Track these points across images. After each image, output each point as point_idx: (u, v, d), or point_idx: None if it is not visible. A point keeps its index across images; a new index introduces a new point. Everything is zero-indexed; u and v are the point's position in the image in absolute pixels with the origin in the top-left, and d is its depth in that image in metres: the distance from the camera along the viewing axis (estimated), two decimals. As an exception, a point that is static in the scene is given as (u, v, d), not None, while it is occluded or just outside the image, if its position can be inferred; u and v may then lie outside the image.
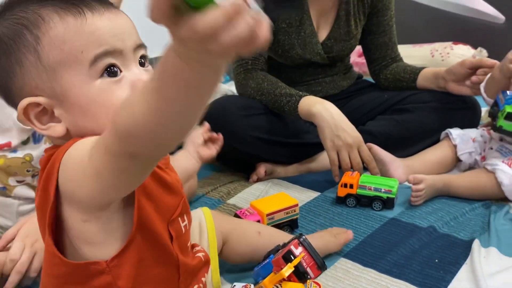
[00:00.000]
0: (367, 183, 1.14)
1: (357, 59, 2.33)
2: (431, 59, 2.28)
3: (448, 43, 2.32)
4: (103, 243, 0.54)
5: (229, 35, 0.31)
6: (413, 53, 2.30)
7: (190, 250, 0.67)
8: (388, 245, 0.97)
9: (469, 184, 1.16)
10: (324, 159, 1.32)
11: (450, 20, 2.47)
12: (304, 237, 0.85)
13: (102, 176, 0.46)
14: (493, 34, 2.33)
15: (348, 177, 1.16)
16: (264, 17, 0.33)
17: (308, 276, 0.82)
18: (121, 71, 0.54)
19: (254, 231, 0.90)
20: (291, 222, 1.04)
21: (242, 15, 0.31)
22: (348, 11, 1.43)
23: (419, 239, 0.99)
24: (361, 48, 1.57)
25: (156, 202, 0.57)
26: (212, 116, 1.29)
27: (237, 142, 1.28)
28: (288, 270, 0.77)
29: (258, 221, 0.99)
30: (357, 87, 1.57)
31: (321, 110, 1.22)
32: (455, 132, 1.31)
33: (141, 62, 0.57)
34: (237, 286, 0.78)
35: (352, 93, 1.55)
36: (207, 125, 0.98)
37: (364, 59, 1.58)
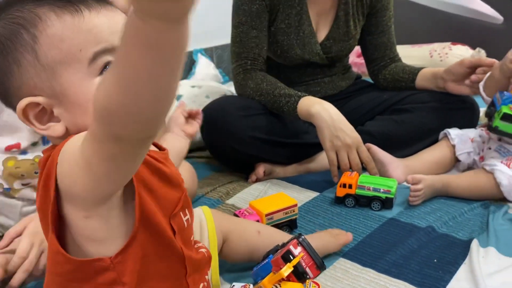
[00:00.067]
0: (366, 183, 1.14)
1: (356, 60, 2.33)
2: (430, 60, 2.28)
3: (447, 44, 2.32)
4: (106, 240, 0.54)
5: None
6: (412, 54, 2.30)
7: (193, 245, 0.66)
8: (387, 245, 0.98)
9: (468, 185, 1.16)
10: (323, 159, 1.32)
11: (449, 21, 2.48)
12: (303, 237, 0.85)
13: (92, 166, 0.45)
14: (492, 35, 2.33)
15: (347, 177, 1.17)
16: None
17: (307, 276, 0.82)
18: None
19: (254, 230, 0.90)
20: (290, 222, 1.05)
21: None
22: (347, 12, 1.43)
23: (418, 239, 0.99)
24: (360, 49, 1.57)
25: (157, 196, 0.56)
26: (212, 116, 1.31)
27: (236, 142, 1.28)
28: (287, 270, 0.77)
29: (257, 221, 0.99)
30: (356, 88, 1.57)
31: (320, 111, 1.22)
32: (454, 132, 1.31)
33: None
34: (236, 286, 0.78)
35: (351, 94, 1.55)
36: (183, 103, 0.98)
37: (363, 60, 1.58)
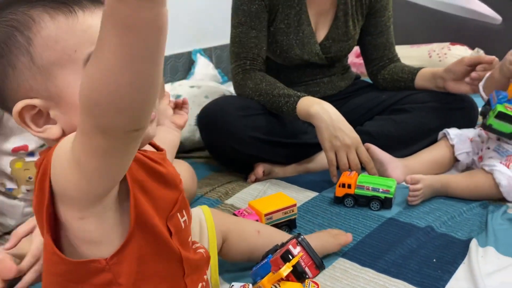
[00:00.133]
0: (365, 183, 1.14)
1: (355, 60, 2.33)
2: (429, 60, 2.28)
3: (446, 44, 2.32)
4: (102, 241, 0.54)
5: None
6: (411, 54, 2.30)
7: (191, 246, 0.66)
8: (386, 245, 0.98)
9: (467, 185, 1.16)
10: (322, 159, 1.32)
11: (448, 21, 2.48)
12: (303, 237, 0.85)
13: (81, 163, 0.45)
14: (490, 35, 2.33)
15: (346, 177, 1.17)
16: None
17: (306, 276, 0.82)
18: None
19: (254, 230, 0.90)
20: (289, 222, 1.05)
21: None
22: (346, 12, 1.43)
23: (417, 239, 0.99)
24: (359, 49, 1.57)
25: (153, 197, 0.56)
26: (211, 117, 1.31)
27: (235, 142, 1.28)
28: (287, 270, 0.77)
29: (257, 221, 0.99)
30: (355, 88, 1.57)
31: (319, 111, 1.22)
32: (453, 132, 1.31)
33: None
34: (236, 286, 0.78)
35: (350, 94, 1.55)
36: (168, 94, 0.98)
37: (362, 60, 1.58)
